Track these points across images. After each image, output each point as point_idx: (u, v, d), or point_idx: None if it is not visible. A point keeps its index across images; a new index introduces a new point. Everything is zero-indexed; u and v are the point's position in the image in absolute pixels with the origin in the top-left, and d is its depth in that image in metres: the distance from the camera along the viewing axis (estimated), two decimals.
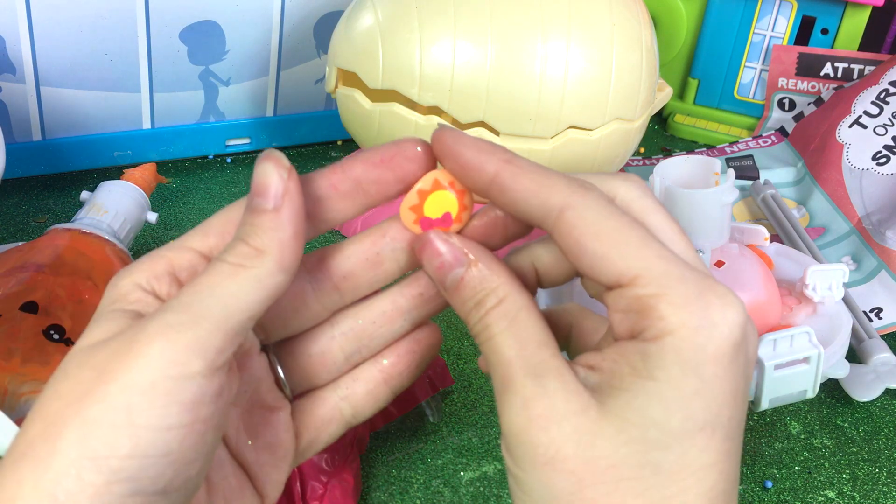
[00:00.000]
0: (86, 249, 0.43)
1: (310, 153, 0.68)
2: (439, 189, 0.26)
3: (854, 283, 0.52)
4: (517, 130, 0.50)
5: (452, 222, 0.26)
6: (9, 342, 0.37)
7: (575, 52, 0.49)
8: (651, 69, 0.53)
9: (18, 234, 0.54)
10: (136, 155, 0.60)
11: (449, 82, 0.49)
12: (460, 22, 0.48)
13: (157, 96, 0.58)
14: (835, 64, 0.70)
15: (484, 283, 0.25)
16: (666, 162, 0.40)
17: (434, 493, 0.38)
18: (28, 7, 0.51)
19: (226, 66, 0.60)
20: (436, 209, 0.26)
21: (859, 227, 0.56)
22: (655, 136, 0.76)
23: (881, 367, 0.46)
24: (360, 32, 0.51)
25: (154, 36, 0.55)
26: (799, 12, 0.70)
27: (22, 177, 0.58)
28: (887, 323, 0.50)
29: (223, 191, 0.61)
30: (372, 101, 0.52)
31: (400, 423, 0.42)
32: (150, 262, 0.24)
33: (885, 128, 0.60)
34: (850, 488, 0.41)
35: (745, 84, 0.74)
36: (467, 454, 0.40)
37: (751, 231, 0.44)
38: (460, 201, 0.26)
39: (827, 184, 0.60)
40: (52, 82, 0.54)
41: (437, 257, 0.25)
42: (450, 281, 0.25)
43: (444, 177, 0.26)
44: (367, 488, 0.38)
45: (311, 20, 0.61)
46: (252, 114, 0.64)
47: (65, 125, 0.56)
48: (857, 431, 0.44)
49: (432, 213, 0.26)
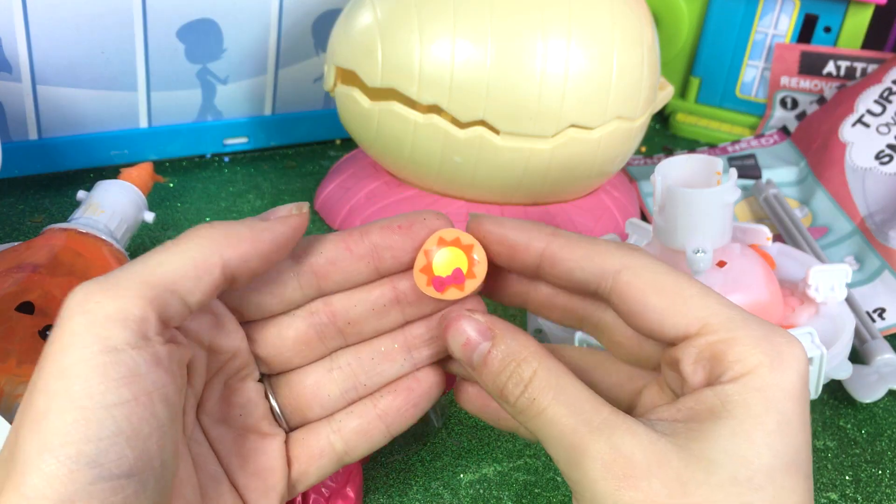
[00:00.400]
0: (82, 249, 0.42)
1: (308, 152, 0.67)
2: (444, 246, 0.26)
3: (857, 284, 0.52)
4: (517, 129, 0.49)
5: (465, 278, 0.26)
6: (4, 343, 0.37)
7: (575, 50, 0.48)
8: (652, 67, 0.53)
9: (14, 234, 0.53)
10: (132, 154, 0.60)
11: (449, 81, 0.48)
12: (460, 19, 0.48)
13: (155, 95, 0.58)
14: (837, 62, 0.70)
15: (512, 355, 0.25)
16: (667, 161, 0.39)
17: (433, 494, 0.38)
18: (24, 5, 0.51)
19: (223, 64, 0.59)
20: (445, 267, 0.26)
21: (862, 227, 0.56)
22: (657, 135, 0.75)
23: (884, 368, 0.46)
24: (359, 30, 0.51)
25: (151, 34, 0.55)
26: (801, 10, 0.70)
27: (18, 176, 0.57)
28: (890, 323, 0.49)
29: (221, 190, 0.61)
30: (371, 100, 0.52)
31: None
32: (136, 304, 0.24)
33: (888, 127, 0.60)
34: (852, 490, 0.40)
35: (747, 83, 0.74)
36: (467, 456, 0.40)
37: (753, 231, 0.44)
38: (468, 255, 0.26)
39: (829, 183, 0.60)
40: (48, 81, 0.54)
41: (461, 335, 0.25)
42: (476, 357, 0.25)
43: (448, 234, 0.26)
44: (366, 489, 0.38)
45: (310, 18, 0.61)
46: (250, 112, 0.63)
47: (61, 124, 0.56)
48: (860, 433, 0.44)
49: (442, 272, 0.26)
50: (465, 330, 0.25)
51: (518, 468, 0.39)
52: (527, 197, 0.54)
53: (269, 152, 0.67)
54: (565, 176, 0.52)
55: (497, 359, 0.25)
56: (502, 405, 0.25)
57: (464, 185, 0.53)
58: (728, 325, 0.23)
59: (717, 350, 0.23)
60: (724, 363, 0.23)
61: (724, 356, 0.23)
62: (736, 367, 0.22)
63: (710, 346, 0.23)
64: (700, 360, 0.23)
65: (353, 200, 0.56)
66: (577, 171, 0.52)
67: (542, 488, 0.39)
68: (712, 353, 0.23)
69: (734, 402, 0.22)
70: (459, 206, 0.54)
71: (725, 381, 0.22)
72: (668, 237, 0.40)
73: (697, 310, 0.23)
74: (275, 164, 0.65)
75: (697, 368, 0.23)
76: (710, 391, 0.23)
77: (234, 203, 0.60)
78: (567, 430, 0.23)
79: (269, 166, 0.65)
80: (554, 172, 0.52)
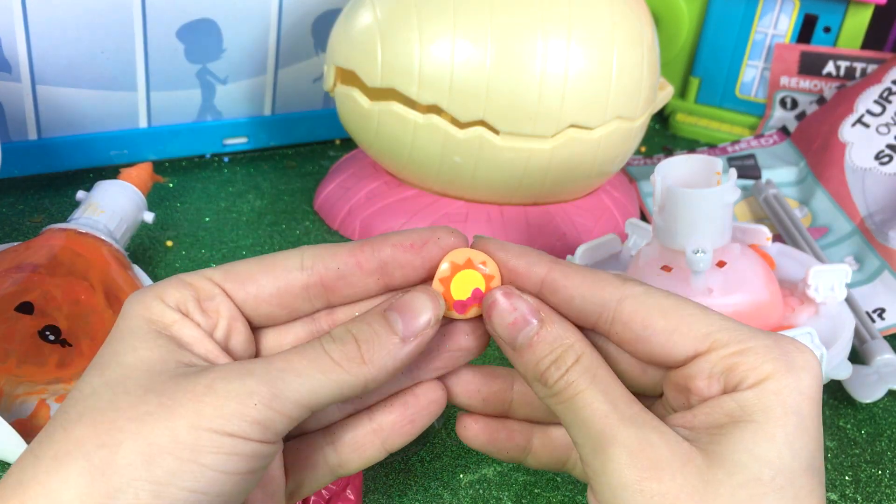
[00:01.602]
0: (82, 250, 0.42)
1: (308, 152, 0.67)
2: (459, 271, 0.26)
3: (857, 284, 0.52)
4: (517, 129, 0.49)
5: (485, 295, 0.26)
6: (4, 343, 0.37)
7: (575, 50, 0.48)
8: (652, 68, 0.53)
9: (14, 235, 0.53)
10: (132, 154, 0.59)
11: (448, 81, 0.48)
12: (460, 19, 0.48)
13: (154, 95, 0.58)
14: (837, 62, 0.70)
15: (560, 339, 0.25)
16: (667, 161, 0.39)
17: (433, 495, 0.38)
18: (24, 5, 0.51)
19: (223, 64, 0.59)
20: (463, 290, 0.26)
21: (862, 227, 0.56)
22: (656, 136, 0.75)
23: (884, 369, 0.46)
24: (358, 30, 0.51)
25: (151, 34, 0.55)
26: (801, 10, 0.70)
27: (17, 176, 0.57)
28: (890, 324, 0.49)
29: (220, 190, 0.61)
30: (371, 100, 0.52)
31: None
32: (175, 287, 0.25)
33: (887, 127, 0.60)
34: (852, 490, 0.40)
35: (746, 83, 0.74)
36: (466, 456, 0.40)
37: (753, 231, 0.44)
38: (484, 274, 0.26)
39: (829, 183, 0.60)
40: (47, 81, 0.54)
41: (510, 313, 0.25)
42: (521, 339, 0.25)
43: (459, 256, 0.26)
44: (366, 490, 0.38)
45: (310, 18, 0.61)
46: (250, 113, 0.63)
47: (61, 124, 0.56)
48: (860, 433, 0.44)
49: (462, 295, 0.26)
50: (513, 308, 0.25)
51: (518, 468, 0.39)
52: (527, 197, 0.54)
53: (269, 152, 0.67)
54: (565, 176, 0.52)
55: (545, 341, 0.25)
56: (534, 386, 0.25)
57: (464, 185, 0.53)
58: (738, 338, 0.23)
59: (730, 363, 0.23)
60: (740, 373, 0.23)
61: (739, 367, 0.23)
62: (752, 375, 0.23)
63: (723, 360, 0.23)
64: (714, 375, 0.23)
65: (353, 200, 0.56)
66: (577, 171, 0.52)
67: (541, 488, 0.39)
68: (726, 365, 0.23)
69: (753, 406, 0.22)
70: (459, 206, 0.54)
71: (744, 389, 0.23)
72: (668, 237, 0.39)
73: (703, 327, 0.24)
74: (275, 164, 0.65)
75: (712, 383, 0.23)
76: (727, 398, 0.23)
77: (234, 203, 0.59)
78: (599, 415, 0.23)
79: (268, 166, 0.65)
80: (554, 172, 0.52)
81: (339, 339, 0.24)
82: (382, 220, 0.54)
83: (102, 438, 0.21)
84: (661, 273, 0.40)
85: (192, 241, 0.55)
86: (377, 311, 0.25)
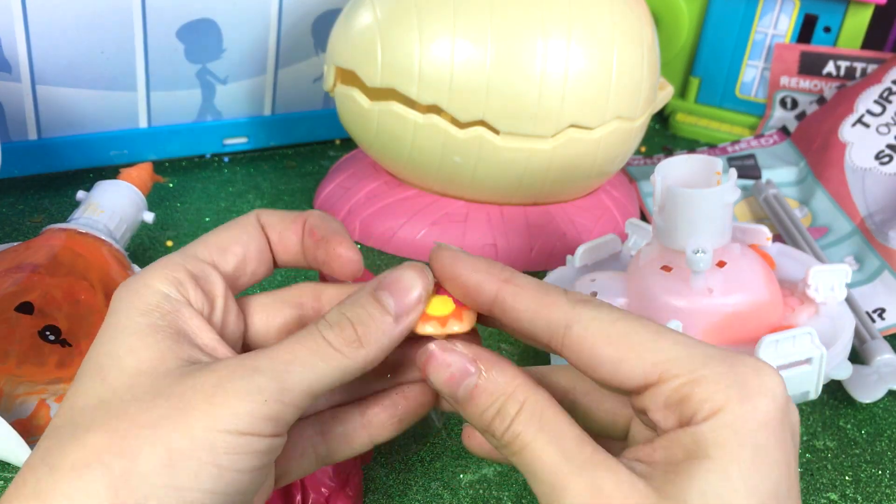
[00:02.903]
0: (82, 250, 0.42)
1: (308, 152, 0.67)
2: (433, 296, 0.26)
3: (857, 284, 0.52)
4: (517, 129, 0.49)
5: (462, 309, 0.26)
6: (4, 343, 0.37)
7: (576, 50, 0.48)
8: (652, 67, 0.53)
9: (14, 235, 0.53)
10: (132, 154, 0.59)
11: (448, 80, 0.48)
12: (460, 19, 0.48)
13: (154, 95, 0.58)
14: (837, 62, 0.69)
15: (500, 389, 0.24)
16: (667, 161, 0.39)
17: (433, 495, 0.38)
18: (24, 5, 0.51)
19: (223, 64, 0.59)
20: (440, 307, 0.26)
21: (862, 227, 0.56)
22: (656, 135, 0.75)
23: (884, 369, 0.46)
24: (358, 30, 0.51)
25: (151, 34, 0.55)
26: (801, 10, 0.70)
27: (17, 176, 0.57)
28: (890, 324, 0.49)
29: (220, 190, 0.61)
30: (371, 100, 0.52)
31: None
32: (166, 269, 0.25)
33: (887, 127, 0.60)
34: (852, 490, 0.40)
35: (746, 83, 0.74)
36: (466, 457, 0.40)
37: (753, 231, 0.44)
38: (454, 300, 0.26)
39: (829, 183, 0.60)
40: (47, 81, 0.54)
41: (445, 369, 0.24)
42: (462, 392, 0.24)
43: None
44: (366, 489, 0.38)
45: (310, 18, 0.61)
46: (249, 113, 0.63)
47: (61, 124, 0.56)
48: (860, 433, 0.44)
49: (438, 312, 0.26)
50: (449, 363, 0.24)
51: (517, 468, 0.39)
52: (527, 197, 0.54)
53: (269, 152, 0.67)
54: (565, 176, 0.52)
55: (486, 391, 0.24)
56: (487, 438, 0.25)
57: (463, 185, 0.53)
58: (689, 367, 0.22)
59: (682, 394, 0.22)
60: (693, 405, 0.22)
61: (691, 398, 0.22)
62: (706, 406, 0.22)
63: (676, 391, 0.22)
64: (669, 406, 0.23)
65: (353, 200, 0.56)
66: (577, 171, 0.52)
67: None
68: (679, 397, 0.22)
69: (708, 440, 0.22)
70: (459, 206, 0.54)
71: (698, 422, 0.22)
72: (668, 237, 0.39)
73: (651, 355, 0.23)
74: (274, 164, 0.65)
75: (668, 414, 0.23)
76: (683, 433, 0.22)
77: (234, 203, 0.59)
78: (549, 467, 0.23)
79: (268, 166, 0.65)
80: (554, 172, 0.52)
81: (335, 324, 0.24)
82: (382, 220, 0.54)
83: (120, 447, 0.21)
84: (661, 273, 0.40)
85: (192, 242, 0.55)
86: (368, 292, 0.25)
